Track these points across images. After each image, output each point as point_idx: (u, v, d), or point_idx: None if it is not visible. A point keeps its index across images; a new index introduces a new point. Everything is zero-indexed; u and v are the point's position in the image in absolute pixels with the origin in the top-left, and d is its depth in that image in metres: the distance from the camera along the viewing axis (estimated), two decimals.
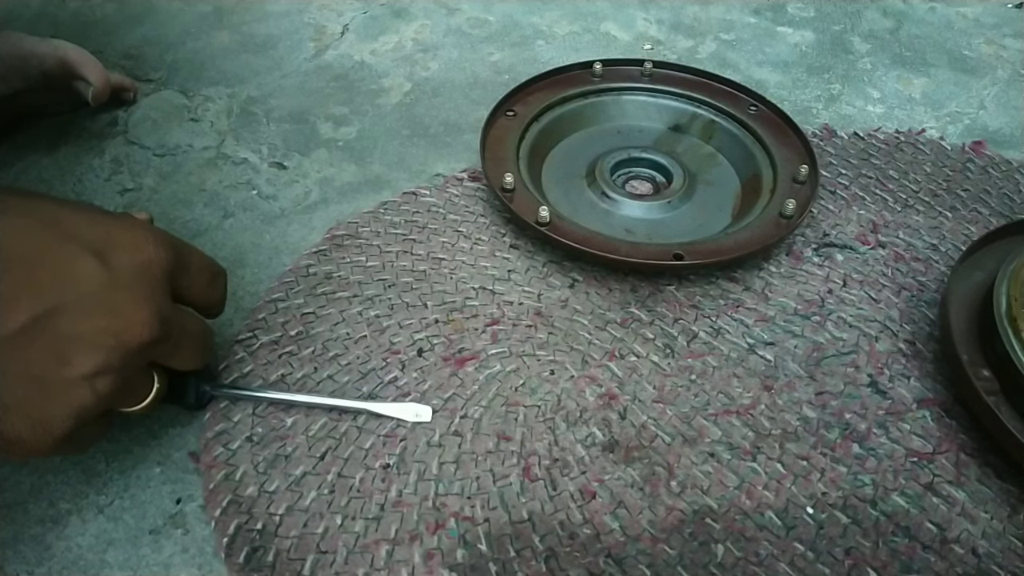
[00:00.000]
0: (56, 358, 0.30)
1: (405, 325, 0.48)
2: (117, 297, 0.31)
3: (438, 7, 0.80)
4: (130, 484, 0.40)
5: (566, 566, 0.37)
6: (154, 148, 0.61)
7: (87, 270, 0.31)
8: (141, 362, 0.34)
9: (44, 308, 0.30)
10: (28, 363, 0.30)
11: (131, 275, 0.32)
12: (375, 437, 0.42)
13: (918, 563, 0.38)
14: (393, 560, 0.37)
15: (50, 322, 0.30)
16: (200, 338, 0.38)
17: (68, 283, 0.31)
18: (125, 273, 0.32)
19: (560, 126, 0.61)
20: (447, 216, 0.55)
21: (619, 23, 0.79)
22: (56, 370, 0.30)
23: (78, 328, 0.30)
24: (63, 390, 0.31)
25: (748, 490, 0.40)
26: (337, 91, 0.68)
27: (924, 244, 0.54)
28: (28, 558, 0.37)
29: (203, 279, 0.38)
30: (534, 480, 0.40)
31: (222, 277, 0.40)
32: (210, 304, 0.39)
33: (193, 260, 0.37)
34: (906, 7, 0.83)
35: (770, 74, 0.72)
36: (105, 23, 0.75)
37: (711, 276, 0.51)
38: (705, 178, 0.58)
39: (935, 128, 0.66)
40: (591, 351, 0.47)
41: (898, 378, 0.46)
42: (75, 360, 0.31)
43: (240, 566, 0.37)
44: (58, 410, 0.31)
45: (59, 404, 0.31)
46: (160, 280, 0.34)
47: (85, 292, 0.31)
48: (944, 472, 0.41)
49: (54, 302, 0.30)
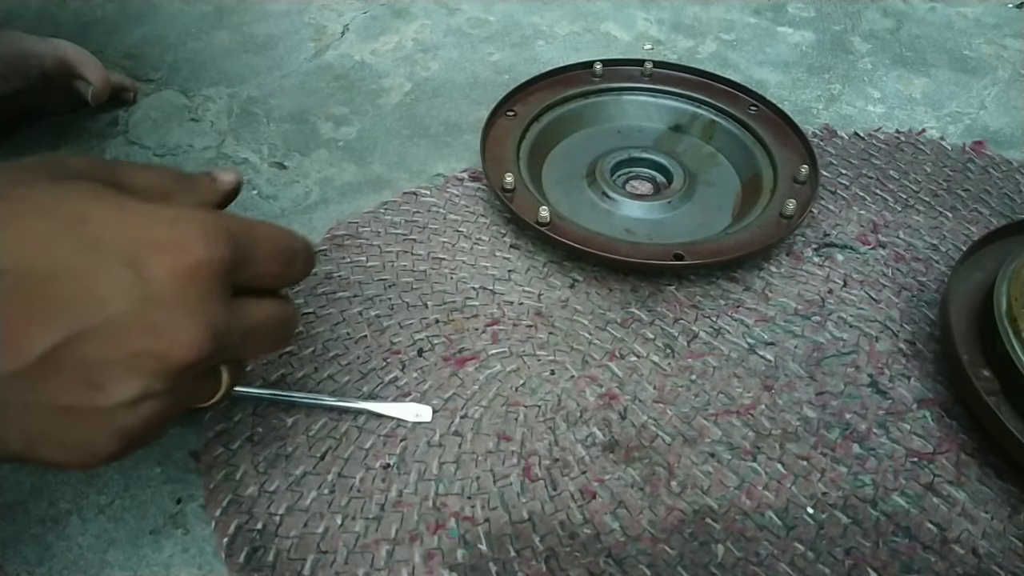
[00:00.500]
0: (87, 386, 0.26)
1: (405, 325, 0.48)
2: (155, 315, 0.26)
3: (438, 7, 0.80)
4: (130, 484, 0.40)
5: (566, 566, 0.37)
6: (154, 148, 0.61)
7: (117, 284, 0.26)
8: (195, 375, 0.29)
9: (66, 334, 0.25)
10: (53, 394, 0.26)
11: (174, 285, 0.27)
12: (375, 437, 0.42)
13: (918, 563, 0.38)
14: (393, 560, 0.37)
15: (76, 349, 0.26)
16: (275, 326, 0.32)
17: (94, 303, 0.26)
18: (166, 283, 0.27)
19: (560, 126, 0.61)
20: (447, 216, 0.55)
21: (619, 23, 0.79)
22: (88, 399, 0.26)
23: (109, 354, 0.26)
24: (100, 418, 0.27)
25: (748, 490, 0.40)
26: (337, 91, 0.68)
27: (924, 244, 0.54)
28: (28, 558, 0.37)
29: (275, 266, 0.31)
30: (534, 480, 0.40)
31: (302, 256, 0.33)
32: (288, 284, 0.34)
33: (262, 247, 0.30)
34: (906, 7, 0.83)
35: (770, 74, 0.72)
36: (105, 23, 0.75)
37: (711, 276, 0.51)
38: (705, 178, 0.58)
39: (935, 128, 0.66)
40: (591, 351, 0.47)
41: (898, 378, 0.46)
42: (109, 387, 0.27)
43: (240, 566, 0.37)
44: (97, 436, 0.28)
45: (96, 432, 0.27)
46: (213, 284, 0.28)
47: (116, 312, 0.26)
48: (944, 472, 0.41)
49: (78, 326, 0.26)
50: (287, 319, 0.33)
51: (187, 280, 0.27)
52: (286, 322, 0.33)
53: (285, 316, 0.32)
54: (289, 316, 0.33)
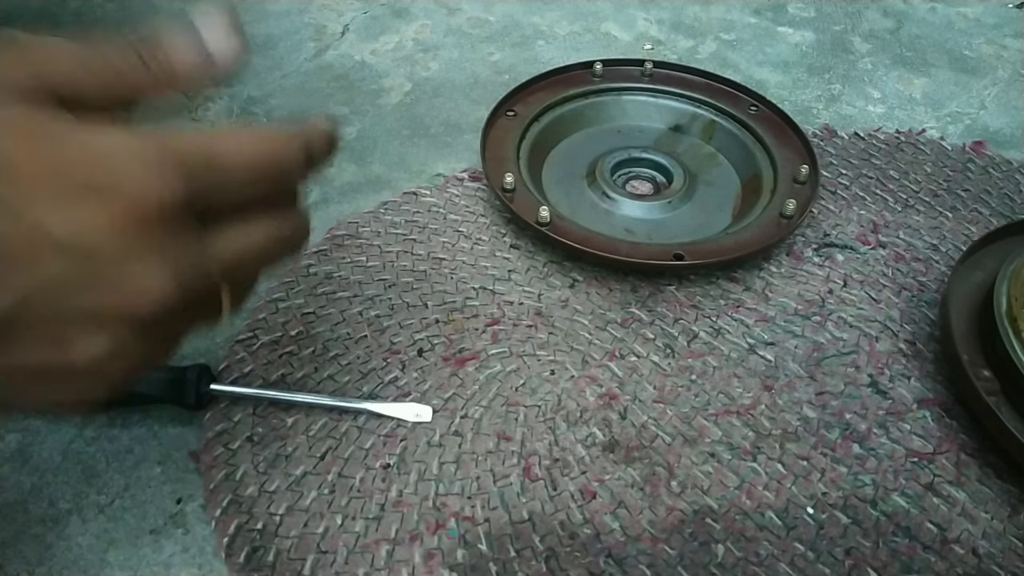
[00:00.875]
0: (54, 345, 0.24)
1: (405, 325, 0.48)
2: (105, 270, 0.23)
3: (439, 7, 0.80)
4: (130, 484, 0.40)
5: (566, 566, 0.37)
6: None
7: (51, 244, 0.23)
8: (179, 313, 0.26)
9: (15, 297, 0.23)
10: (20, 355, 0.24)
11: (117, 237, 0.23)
12: (375, 437, 0.42)
13: (918, 563, 0.38)
14: (393, 560, 0.37)
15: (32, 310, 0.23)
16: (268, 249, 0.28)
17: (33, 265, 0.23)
18: (107, 236, 0.23)
19: (560, 126, 0.61)
20: (447, 216, 0.55)
21: (619, 23, 0.79)
22: (59, 357, 0.24)
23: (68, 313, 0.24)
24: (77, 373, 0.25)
25: (748, 490, 0.40)
26: (337, 91, 0.68)
27: (925, 244, 0.54)
28: (28, 558, 0.37)
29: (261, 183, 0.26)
30: (534, 480, 0.40)
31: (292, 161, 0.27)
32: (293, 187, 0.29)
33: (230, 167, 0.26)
34: (907, 7, 0.83)
35: (770, 74, 0.72)
36: (106, 23, 0.75)
37: (711, 276, 0.51)
38: (705, 178, 0.58)
39: (936, 128, 0.66)
40: (591, 351, 0.47)
41: (898, 378, 0.46)
42: (78, 344, 0.24)
43: (240, 566, 0.37)
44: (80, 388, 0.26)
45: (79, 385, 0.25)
46: (166, 226, 0.24)
47: (57, 273, 0.23)
48: (944, 472, 0.41)
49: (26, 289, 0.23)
50: (285, 238, 0.28)
51: (131, 230, 0.23)
52: (286, 241, 0.29)
53: (280, 236, 0.28)
54: (287, 235, 0.28)
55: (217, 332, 0.47)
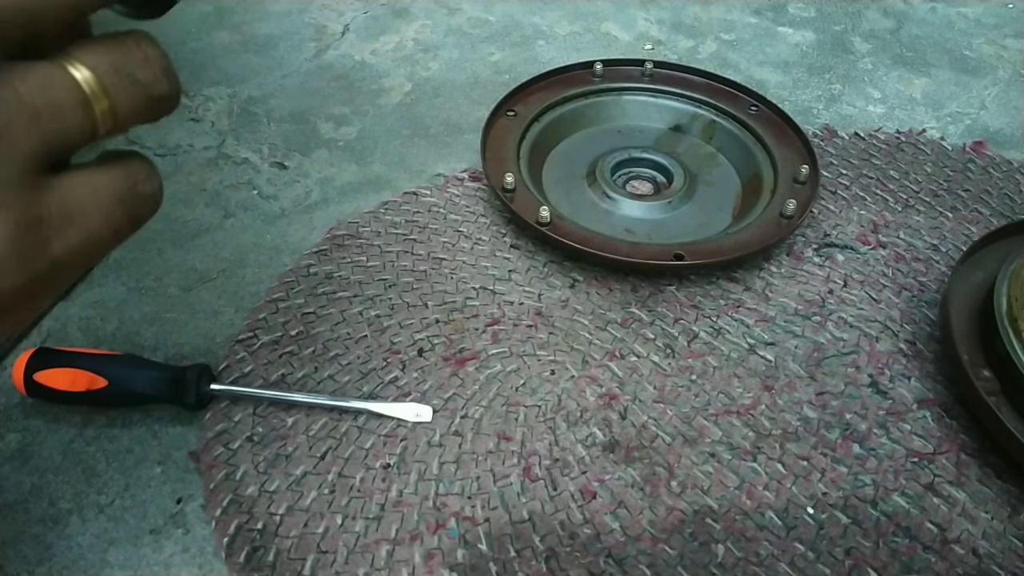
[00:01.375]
0: None
1: (406, 325, 0.48)
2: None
3: (439, 7, 0.80)
4: (131, 484, 0.40)
5: (566, 566, 0.37)
6: (155, 148, 0.61)
7: None
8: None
9: None
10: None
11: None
12: (375, 437, 0.42)
13: (918, 563, 0.38)
14: (393, 560, 0.37)
15: None
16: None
17: None
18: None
19: (561, 126, 0.61)
20: (448, 216, 0.55)
21: (620, 23, 0.79)
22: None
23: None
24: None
25: (748, 490, 0.40)
26: (338, 91, 0.68)
27: (925, 244, 0.54)
28: (29, 558, 0.37)
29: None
30: (534, 480, 0.40)
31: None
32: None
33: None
34: (907, 7, 0.83)
35: (771, 74, 0.72)
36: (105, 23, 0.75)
37: (712, 276, 0.51)
38: (706, 178, 0.58)
39: (936, 128, 0.66)
40: (591, 351, 0.47)
41: (899, 378, 0.46)
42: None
43: (240, 566, 0.37)
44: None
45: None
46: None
47: None
48: (944, 472, 0.41)
49: None
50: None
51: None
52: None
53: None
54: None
55: (217, 332, 0.47)
